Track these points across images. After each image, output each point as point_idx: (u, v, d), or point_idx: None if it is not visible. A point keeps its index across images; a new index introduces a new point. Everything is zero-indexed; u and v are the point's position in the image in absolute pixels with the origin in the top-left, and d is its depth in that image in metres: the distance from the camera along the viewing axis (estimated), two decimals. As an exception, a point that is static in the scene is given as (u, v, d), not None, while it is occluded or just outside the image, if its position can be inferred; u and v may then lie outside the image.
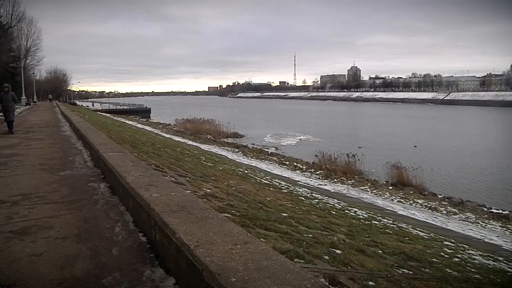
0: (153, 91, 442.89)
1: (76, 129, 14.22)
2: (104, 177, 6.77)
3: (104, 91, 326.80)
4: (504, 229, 13.64)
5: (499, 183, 22.54)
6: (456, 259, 7.30)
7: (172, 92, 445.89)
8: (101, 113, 52.53)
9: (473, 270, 6.62)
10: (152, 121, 60.54)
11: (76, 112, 29.98)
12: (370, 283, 4.22)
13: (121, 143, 11.19)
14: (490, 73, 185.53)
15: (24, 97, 56.42)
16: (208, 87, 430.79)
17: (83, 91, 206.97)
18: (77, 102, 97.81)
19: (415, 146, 35.52)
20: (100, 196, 5.64)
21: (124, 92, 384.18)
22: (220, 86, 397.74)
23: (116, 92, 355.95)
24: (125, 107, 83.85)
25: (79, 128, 13.48)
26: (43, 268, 3.27)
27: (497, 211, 16.26)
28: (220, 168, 14.97)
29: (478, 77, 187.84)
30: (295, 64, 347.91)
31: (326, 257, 4.71)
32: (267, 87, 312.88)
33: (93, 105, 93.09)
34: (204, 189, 7.46)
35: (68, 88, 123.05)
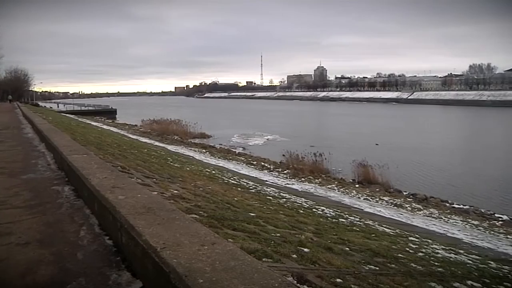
0: (118, 92, 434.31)
1: (39, 131, 13.83)
2: (68, 180, 6.61)
3: (69, 92, 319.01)
4: (465, 223, 14.11)
5: (459, 179, 23.30)
6: (421, 254, 7.49)
7: (138, 92, 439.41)
8: (65, 115, 51.27)
9: (436, 263, 6.81)
10: (118, 122, 59.64)
11: (38, 114, 29.15)
12: (338, 280, 4.27)
13: (86, 145, 10.96)
14: (451, 73, 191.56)
15: (-18, 98, 54.56)
16: (175, 88, 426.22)
17: (46, 92, 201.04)
18: (40, 103, 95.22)
19: (376, 144, 36.26)
20: (64, 199, 5.50)
21: (89, 92, 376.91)
22: (186, 86, 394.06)
23: (80, 93, 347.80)
24: (90, 108, 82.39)
25: (42, 129, 13.12)
26: (3, 276, 3.16)
27: (459, 206, 16.80)
28: (187, 169, 14.87)
29: (440, 77, 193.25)
30: (261, 64, 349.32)
31: (294, 255, 4.75)
32: (234, 87, 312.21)
33: (58, 106, 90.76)
34: (171, 190, 7.39)
35: (30, 89, 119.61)
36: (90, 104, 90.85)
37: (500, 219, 15.30)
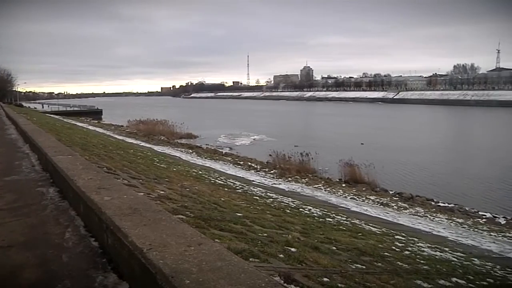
0: (104, 92, 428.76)
1: (23, 132, 13.66)
2: (53, 181, 6.54)
3: (53, 92, 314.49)
4: (450, 221, 14.27)
5: (444, 178, 23.57)
6: (407, 252, 7.56)
7: (124, 93, 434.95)
8: (50, 115, 50.72)
9: (422, 261, 6.89)
10: (103, 122, 59.18)
11: (23, 114, 28.78)
12: (325, 279, 4.29)
13: (71, 146, 10.86)
14: (436, 73, 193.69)
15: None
16: (161, 88, 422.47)
17: (30, 92, 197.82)
18: (24, 104, 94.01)
19: (362, 144, 36.49)
20: (49, 201, 5.44)
21: (75, 93, 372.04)
22: (173, 86, 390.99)
23: (66, 93, 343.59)
24: (75, 108, 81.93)
25: (26, 130, 12.96)
26: (-14, 280, 3.11)
27: (444, 205, 16.99)
28: (174, 169, 14.82)
29: (425, 77, 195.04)
30: (248, 64, 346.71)
31: (281, 255, 4.76)
32: (220, 87, 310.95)
33: (42, 106, 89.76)
34: (158, 191, 7.36)
35: (14, 89, 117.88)
36: (75, 105, 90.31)
37: (484, 216, 15.51)
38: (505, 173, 24.54)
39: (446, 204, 17.06)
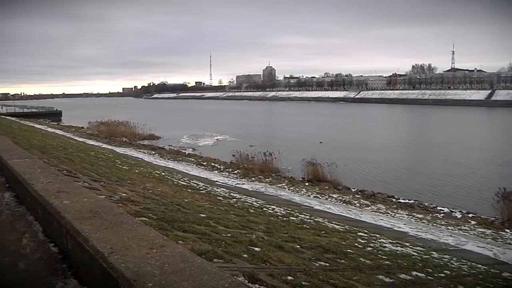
0: (64, 93, 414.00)
1: (-24, 135, 13.16)
2: (9, 186, 6.33)
3: (9, 93, 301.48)
4: (410, 217, 14.67)
5: (403, 174, 24.25)
6: (369, 248, 7.72)
7: (84, 93, 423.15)
8: (5, 117, 49.01)
9: (384, 257, 7.05)
10: (63, 124, 57.53)
11: (-25, 117, 27.74)
12: (289, 277, 4.33)
13: (28, 149, 10.56)
14: (395, 73, 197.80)
15: None
16: (123, 88, 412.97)
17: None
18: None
19: (320, 142, 37.09)
20: (4, 206, 5.26)
21: (32, 94, 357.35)
22: (135, 87, 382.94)
23: (22, 94, 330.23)
24: (33, 110, 79.10)
25: (-21, 134, 12.50)
26: None
27: (404, 201, 17.43)
28: (136, 171, 14.61)
29: (385, 77, 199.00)
30: (210, 64, 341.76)
31: (245, 255, 4.77)
32: (183, 87, 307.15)
33: None
34: (120, 193, 7.24)
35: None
36: (33, 106, 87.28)
37: (442, 211, 16.02)
38: (460, 169, 25.50)
39: (407, 201, 17.51)
